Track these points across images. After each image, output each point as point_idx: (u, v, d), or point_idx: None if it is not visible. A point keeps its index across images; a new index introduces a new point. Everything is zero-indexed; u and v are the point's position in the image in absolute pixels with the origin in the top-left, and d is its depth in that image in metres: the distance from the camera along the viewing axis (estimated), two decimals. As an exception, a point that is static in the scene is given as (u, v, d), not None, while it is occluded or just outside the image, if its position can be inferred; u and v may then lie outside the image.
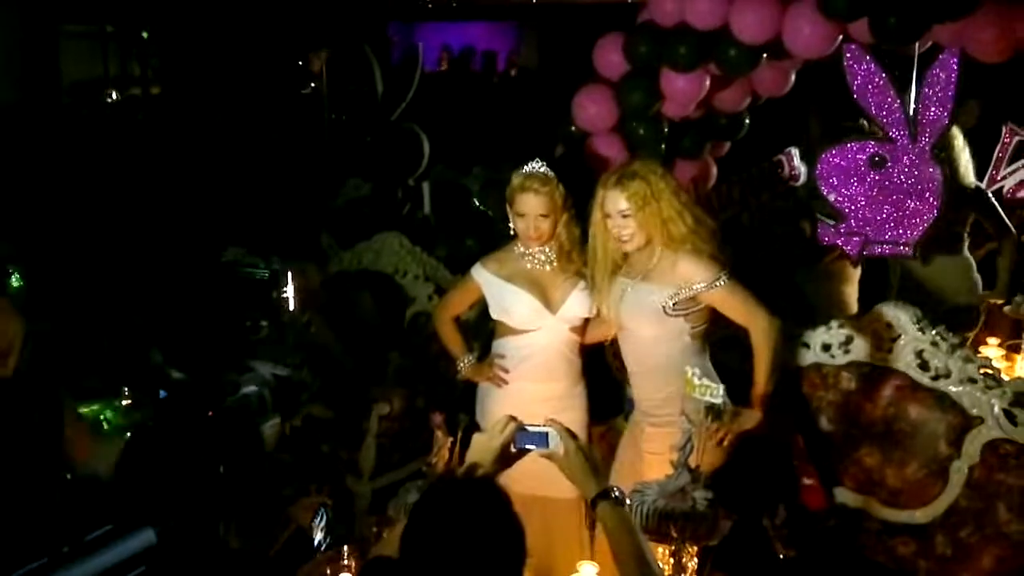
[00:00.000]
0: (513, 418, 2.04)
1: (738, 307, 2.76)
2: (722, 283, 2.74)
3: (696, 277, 2.75)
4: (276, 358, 3.62)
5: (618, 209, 2.76)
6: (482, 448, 1.98)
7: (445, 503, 1.68)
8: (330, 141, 6.29)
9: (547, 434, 2.01)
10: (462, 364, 3.13)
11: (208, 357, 3.50)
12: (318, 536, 2.23)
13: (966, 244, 4.20)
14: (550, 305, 2.98)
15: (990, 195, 4.02)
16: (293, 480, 3.12)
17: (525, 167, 2.94)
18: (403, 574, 1.65)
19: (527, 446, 2.01)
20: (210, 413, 2.09)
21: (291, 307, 3.87)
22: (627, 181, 2.75)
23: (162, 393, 3.24)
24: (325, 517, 2.26)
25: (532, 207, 2.89)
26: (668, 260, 2.79)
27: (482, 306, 3.16)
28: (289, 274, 3.86)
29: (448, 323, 3.21)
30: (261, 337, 3.80)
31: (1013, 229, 4.17)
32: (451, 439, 2.53)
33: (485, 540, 1.63)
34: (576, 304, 2.97)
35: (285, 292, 3.86)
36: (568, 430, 2.02)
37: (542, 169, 2.92)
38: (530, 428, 2.02)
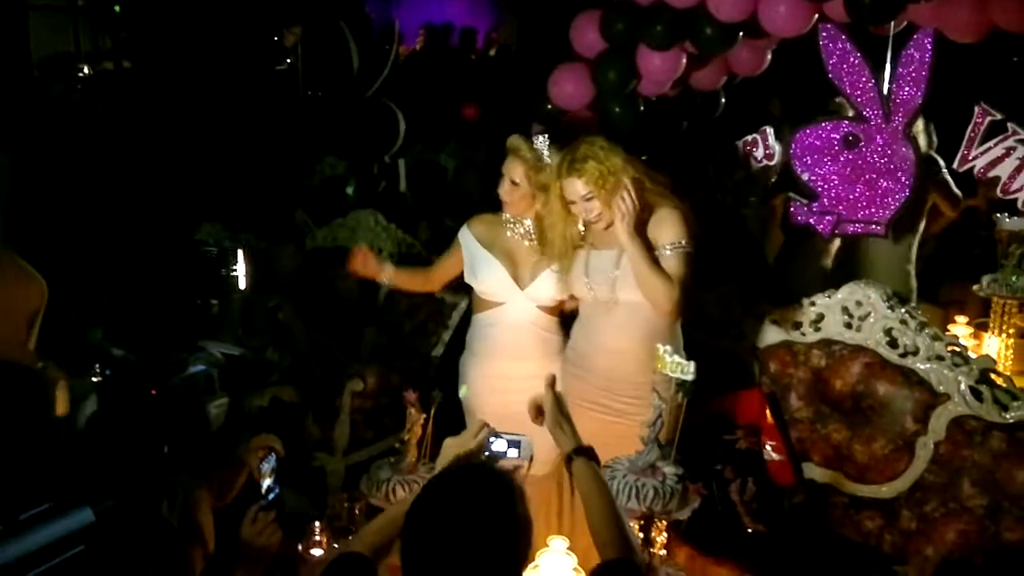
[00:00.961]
0: (486, 424, 2.07)
1: (673, 272, 2.69)
2: (683, 248, 2.69)
3: (669, 235, 2.70)
4: (231, 337, 3.58)
5: (580, 195, 2.74)
6: (454, 452, 2.00)
7: (453, 491, 1.64)
8: (305, 117, 6.21)
9: (520, 442, 2.06)
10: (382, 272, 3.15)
11: (153, 335, 3.45)
12: (266, 482, 2.18)
13: (920, 227, 4.13)
14: (519, 280, 2.96)
15: (942, 164, 4.03)
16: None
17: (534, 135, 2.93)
18: (405, 560, 1.60)
19: (499, 453, 2.04)
20: (153, 392, 2.07)
21: (241, 286, 3.82)
22: (579, 165, 2.72)
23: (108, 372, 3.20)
24: (273, 461, 2.21)
25: (509, 170, 2.90)
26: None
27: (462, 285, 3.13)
28: (240, 252, 3.80)
29: (421, 269, 3.32)
30: (212, 315, 3.75)
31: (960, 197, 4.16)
32: (424, 416, 2.54)
33: (494, 529, 1.58)
34: (546, 284, 2.94)
35: (235, 271, 3.81)
36: (553, 389, 2.09)
37: (538, 142, 2.90)
38: (504, 436, 2.06)
